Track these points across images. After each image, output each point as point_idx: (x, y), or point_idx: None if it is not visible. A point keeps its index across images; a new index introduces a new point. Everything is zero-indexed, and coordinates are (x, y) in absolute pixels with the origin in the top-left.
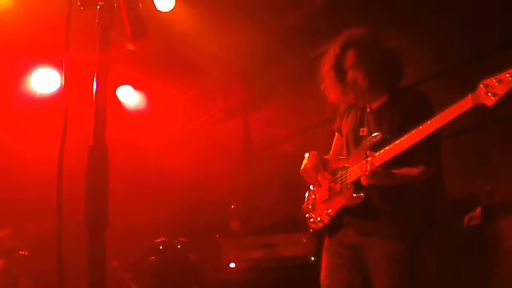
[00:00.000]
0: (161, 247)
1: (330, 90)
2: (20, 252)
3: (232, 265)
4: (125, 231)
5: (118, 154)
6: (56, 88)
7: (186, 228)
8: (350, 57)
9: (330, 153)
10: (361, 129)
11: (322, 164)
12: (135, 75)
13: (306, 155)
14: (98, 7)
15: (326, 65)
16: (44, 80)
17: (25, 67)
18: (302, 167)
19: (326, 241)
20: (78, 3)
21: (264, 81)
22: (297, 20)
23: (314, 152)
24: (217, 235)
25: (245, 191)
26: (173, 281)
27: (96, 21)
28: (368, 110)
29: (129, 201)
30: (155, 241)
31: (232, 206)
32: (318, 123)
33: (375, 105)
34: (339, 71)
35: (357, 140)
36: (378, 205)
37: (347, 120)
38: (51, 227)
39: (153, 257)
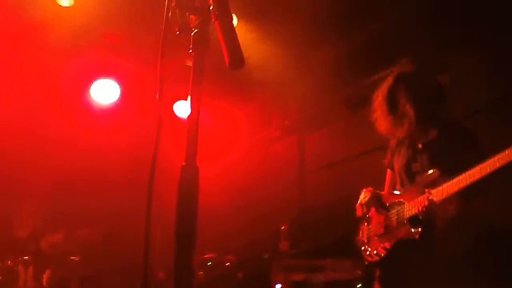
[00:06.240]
0: (209, 263)
1: (381, 121)
2: (71, 258)
3: (278, 286)
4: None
5: (171, 170)
6: (115, 99)
7: (235, 245)
8: (402, 91)
9: (384, 189)
10: (413, 165)
11: (377, 199)
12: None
13: (363, 191)
14: (193, 33)
15: (379, 98)
16: (105, 91)
17: (86, 78)
18: (359, 202)
19: (380, 272)
20: (176, 29)
21: (322, 104)
22: (355, 45)
23: (370, 188)
24: (266, 255)
25: (297, 212)
26: None
27: (191, 47)
28: (419, 146)
29: None
30: (204, 256)
31: (283, 227)
32: (371, 149)
33: (425, 141)
34: (391, 103)
35: (410, 175)
36: (432, 240)
37: (399, 156)
38: (102, 235)
39: (201, 272)
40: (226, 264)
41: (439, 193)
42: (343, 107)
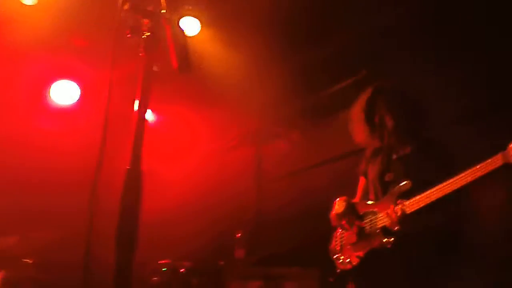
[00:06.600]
0: (164, 269)
1: (358, 131)
2: (25, 260)
3: None
4: None
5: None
6: (74, 100)
7: (191, 251)
8: (381, 102)
9: (356, 196)
10: (387, 175)
11: (351, 208)
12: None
13: (337, 200)
14: (144, 36)
15: (357, 108)
16: (64, 92)
17: (46, 79)
18: (333, 211)
19: (352, 281)
20: (127, 32)
21: (281, 113)
22: (316, 57)
23: (344, 197)
24: (221, 262)
25: (253, 220)
26: None
27: (142, 49)
28: (394, 156)
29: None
30: (159, 262)
31: (238, 234)
32: (329, 159)
33: (401, 152)
34: (369, 114)
35: (383, 185)
36: (404, 249)
37: (373, 165)
38: (54, 236)
39: (156, 278)
40: (181, 270)
41: (411, 205)
42: (302, 117)
